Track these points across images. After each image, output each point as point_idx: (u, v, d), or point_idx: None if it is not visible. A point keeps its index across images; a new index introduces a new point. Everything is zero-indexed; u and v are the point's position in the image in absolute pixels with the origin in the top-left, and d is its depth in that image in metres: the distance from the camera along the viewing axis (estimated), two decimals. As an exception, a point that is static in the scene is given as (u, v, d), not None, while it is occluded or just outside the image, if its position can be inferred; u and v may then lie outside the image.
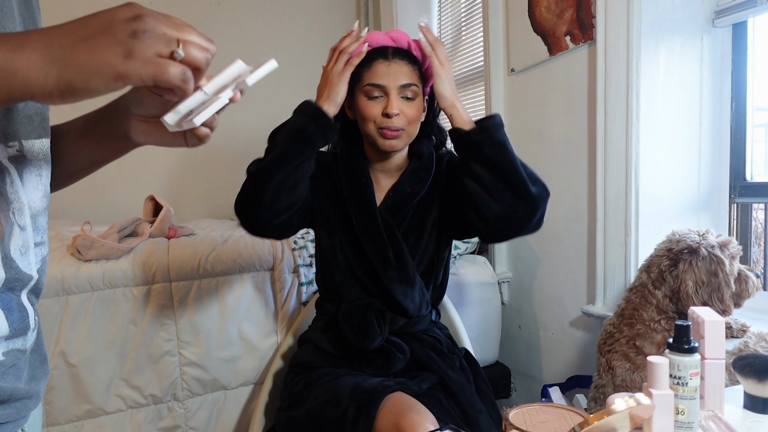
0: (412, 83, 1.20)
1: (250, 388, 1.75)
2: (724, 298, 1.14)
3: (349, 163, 1.28)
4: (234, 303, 1.70)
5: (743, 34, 1.39)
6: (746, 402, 0.88)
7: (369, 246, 1.22)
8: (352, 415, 1.05)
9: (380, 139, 1.20)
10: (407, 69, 1.21)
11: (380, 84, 1.19)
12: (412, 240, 1.26)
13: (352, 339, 1.16)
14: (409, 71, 1.21)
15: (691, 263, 1.15)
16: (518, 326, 1.96)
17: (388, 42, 1.24)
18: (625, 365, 1.22)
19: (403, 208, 1.25)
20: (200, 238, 1.80)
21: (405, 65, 1.21)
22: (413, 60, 1.23)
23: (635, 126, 1.39)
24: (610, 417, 0.65)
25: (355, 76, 1.22)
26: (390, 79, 1.19)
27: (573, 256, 1.67)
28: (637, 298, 1.25)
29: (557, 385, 1.61)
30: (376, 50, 1.23)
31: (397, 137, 1.19)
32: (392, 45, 1.24)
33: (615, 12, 1.40)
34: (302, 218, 1.22)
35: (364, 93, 1.20)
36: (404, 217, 1.26)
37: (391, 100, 1.18)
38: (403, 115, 1.19)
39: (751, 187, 1.40)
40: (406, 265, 1.22)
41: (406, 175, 1.27)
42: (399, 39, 1.25)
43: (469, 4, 2.30)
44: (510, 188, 1.11)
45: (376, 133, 1.20)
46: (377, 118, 1.19)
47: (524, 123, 1.88)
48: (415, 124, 1.22)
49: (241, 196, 1.18)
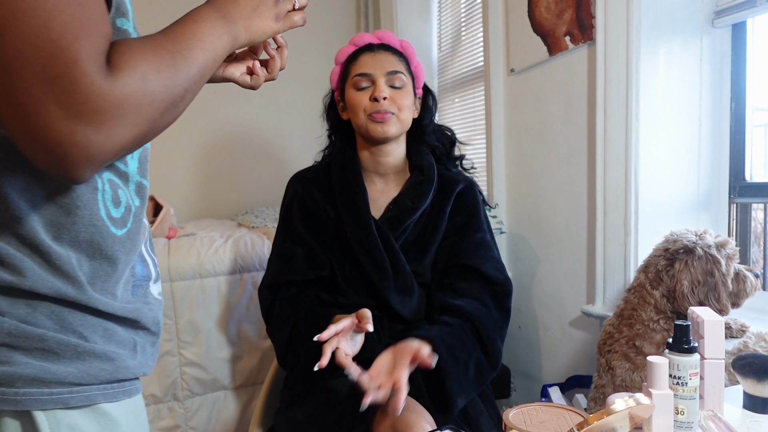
0: (398, 71, 1.21)
1: (250, 388, 1.75)
2: (721, 298, 1.14)
3: (342, 171, 1.26)
4: (234, 303, 1.70)
5: (743, 34, 1.39)
6: (746, 402, 0.88)
7: (365, 258, 1.20)
8: (349, 416, 1.05)
9: (371, 124, 1.19)
10: (393, 58, 1.23)
11: (366, 72, 1.20)
12: (413, 256, 1.23)
13: None
14: (396, 60, 1.22)
15: (686, 263, 1.15)
16: (518, 326, 1.96)
17: (374, 40, 1.27)
18: (624, 365, 1.22)
19: (403, 221, 1.23)
20: (200, 238, 1.81)
21: (391, 55, 1.23)
22: (400, 54, 1.25)
23: (635, 126, 1.39)
24: (610, 417, 0.65)
25: (344, 74, 1.24)
26: (376, 67, 1.20)
27: (573, 256, 1.67)
28: (636, 299, 1.25)
29: (557, 385, 1.61)
30: (362, 47, 1.26)
31: (387, 120, 1.19)
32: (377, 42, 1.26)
33: (615, 12, 1.40)
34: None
35: (353, 85, 1.21)
36: (405, 230, 1.24)
37: (378, 84, 1.19)
38: (391, 100, 1.19)
39: (751, 187, 1.40)
40: (405, 275, 1.21)
41: (408, 189, 1.26)
42: (385, 37, 1.27)
43: (469, 4, 2.30)
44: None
45: (367, 120, 1.20)
46: (366, 106, 1.19)
47: (524, 123, 1.88)
48: (407, 112, 1.22)
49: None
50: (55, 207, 0.51)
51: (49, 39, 0.41)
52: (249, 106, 2.82)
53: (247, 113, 2.85)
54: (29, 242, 0.50)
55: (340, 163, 1.27)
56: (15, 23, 0.40)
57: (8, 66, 0.40)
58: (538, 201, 1.82)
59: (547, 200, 1.77)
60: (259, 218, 2.36)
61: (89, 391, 0.54)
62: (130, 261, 0.60)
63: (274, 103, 2.87)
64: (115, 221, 0.56)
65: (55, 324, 0.52)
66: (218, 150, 2.87)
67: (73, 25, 0.42)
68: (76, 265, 0.53)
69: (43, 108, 0.41)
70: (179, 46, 0.51)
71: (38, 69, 0.40)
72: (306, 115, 2.92)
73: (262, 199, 2.79)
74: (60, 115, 0.41)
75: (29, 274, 0.50)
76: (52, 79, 0.41)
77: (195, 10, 0.57)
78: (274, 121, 2.93)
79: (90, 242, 0.54)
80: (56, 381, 0.51)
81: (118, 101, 0.43)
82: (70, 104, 0.41)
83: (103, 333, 0.56)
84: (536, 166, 1.82)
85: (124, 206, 0.58)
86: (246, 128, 2.88)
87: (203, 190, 2.88)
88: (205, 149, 2.85)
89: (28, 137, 0.42)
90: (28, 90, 0.41)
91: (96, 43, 0.43)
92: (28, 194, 0.50)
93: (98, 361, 0.55)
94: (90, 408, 0.54)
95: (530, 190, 1.86)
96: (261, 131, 2.93)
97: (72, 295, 0.52)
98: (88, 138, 0.43)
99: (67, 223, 0.52)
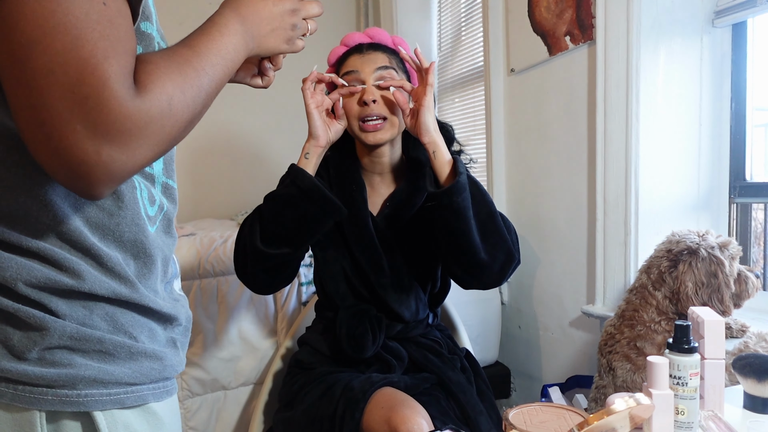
0: (389, 66, 1.15)
1: (250, 388, 1.75)
2: (724, 299, 1.14)
3: (340, 169, 1.24)
4: (234, 303, 1.70)
5: (743, 34, 1.39)
6: (746, 402, 0.88)
7: (361, 255, 1.19)
8: (341, 411, 1.05)
9: (362, 134, 1.14)
10: (383, 56, 1.17)
11: (353, 70, 1.14)
12: (409, 249, 1.22)
13: (347, 348, 1.15)
14: (386, 57, 1.17)
15: (690, 264, 1.15)
16: (518, 326, 1.96)
17: (365, 39, 1.21)
18: (625, 366, 1.22)
19: (401, 218, 1.21)
20: (200, 238, 1.80)
21: (380, 53, 1.17)
22: (391, 51, 1.19)
23: (635, 126, 1.39)
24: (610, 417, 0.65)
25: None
26: (364, 66, 1.14)
27: (573, 256, 1.67)
28: (638, 299, 1.24)
29: (557, 385, 1.61)
30: (351, 48, 1.20)
31: (379, 128, 1.13)
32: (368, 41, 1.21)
33: (615, 12, 1.40)
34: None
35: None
36: (402, 226, 1.22)
37: (368, 85, 1.13)
38: (383, 102, 1.13)
39: (751, 187, 1.40)
40: (401, 273, 1.20)
41: (404, 185, 1.23)
42: (376, 35, 1.21)
43: (469, 4, 2.30)
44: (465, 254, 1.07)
45: (359, 129, 1.15)
46: (356, 111, 1.14)
47: (524, 123, 1.88)
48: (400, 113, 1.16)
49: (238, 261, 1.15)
50: (98, 209, 0.52)
51: (79, 57, 0.40)
52: (249, 107, 2.82)
53: (247, 113, 2.85)
54: (80, 246, 0.51)
55: (338, 161, 1.25)
56: (45, 40, 0.40)
57: (35, 83, 0.40)
58: (538, 201, 1.82)
59: (547, 200, 1.77)
60: (259, 218, 2.35)
61: (141, 391, 0.55)
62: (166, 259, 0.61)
63: (273, 104, 2.87)
64: (151, 219, 0.58)
65: (109, 325, 0.53)
66: (218, 150, 2.87)
67: (102, 44, 0.41)
68: (125, 265, 0.54)
69: (70, 126, 0.41)
70: (204, 62, 0.52)
71: (67, 88, 0.40)
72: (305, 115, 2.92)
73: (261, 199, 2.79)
74: (86, 135, 0.41)
75: (87, 276, 0.51)
76: (80, 98, 0.40)
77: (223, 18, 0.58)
78: (274, 121, 2.93)
79: (134, 241, 0.55)
80: (113, 381, 0.52)
81: (143, 123, 0.44)
82: (97, 124, 0.41)
83: (149, 333, 0.57)
84: (536, 166, 1.82)
85: (158, 204, 0.59)
86: (246, 128, 2.88)
87: (203, 190, 2.89)
88: (204, 149, 2.85)
89: (51, 154, 0.42)
90: (54, 108, 0.40)
91: (124, 62, 0.43)
92: (71, 199, 0.51)
93: (148, 361, 0.56)
94: (141, 408, 0.56)
95: (530, 190, 1.86)
96: (261, 131, 2.93)
97: (126, 294, 0.54)
98: (112, 157, 0.43)
99: (111, 224, 0.53)
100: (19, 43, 0.40)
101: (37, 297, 0.49)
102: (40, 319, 0.49)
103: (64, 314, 0.50)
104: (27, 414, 0.49)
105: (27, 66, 0.40)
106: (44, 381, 0.49)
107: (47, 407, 0.50)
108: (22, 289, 0.49)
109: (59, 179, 0.44)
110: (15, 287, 0.48)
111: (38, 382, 0.49)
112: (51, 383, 0.49)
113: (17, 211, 0.49)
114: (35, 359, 0.49)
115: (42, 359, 0.49)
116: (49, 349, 0.50)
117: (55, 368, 0.50)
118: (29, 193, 0.49)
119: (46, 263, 0.50)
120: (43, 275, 0.49)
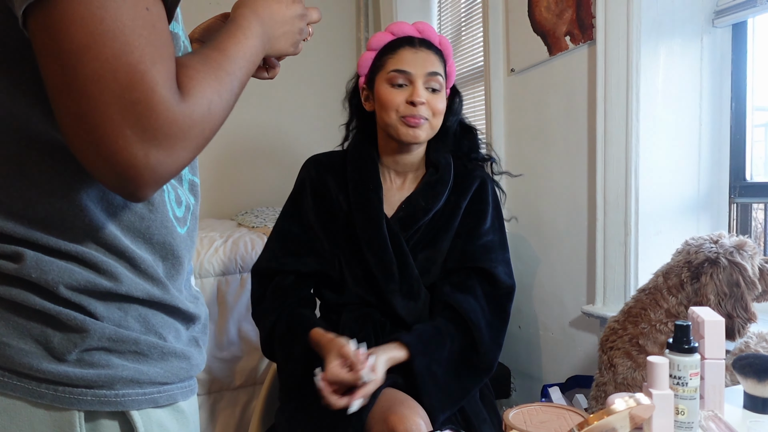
0: (438, 73, 1.15)
1: (250, 388, 1.75)
2: (749, 307, 1.11)
3: (358, 164, 1.22)
4: (234, 303, 1.70)
5: (743, 34, 1.39)
6: (746, 402, 0.88)
7: (372, 257, 1.17)
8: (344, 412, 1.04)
9: (402, 128, 1.14)
10: (434, 58, 1.17)
11: (406, 70, 1.13)
12: (423, 256, 1.20)
13: None
14: (436, 60, 1.16)
15: (711, 276, 1.12)
16: (518, 326, 1.96)
17: (414, 32, 1.20)
18: (626, 363, 1.22)
19: (415, 222, 1.19)
20: (200, 238, 1.81)
21: (432, 54, 1.16)
22: (439, 52, 1.19)
23: (635, 126, 1.39)
24: (610, 417, 0.65)
25: (377, 64, 1.18)
26: (417, 67, 1.14)
27: (573, 256, 1.67)
28: (648, 300, 1.22)
29: (557, 385, 1.61)
30: (402, 38, 1.18)
31: (420, 126, 1.14)
32: (418, 36, 1.19)
33: (615, 12, 1.40)
34: None
35: (388, 80, 1.15)
36: (416, 231, 1.20)
37: (417, 87, 1.13)
38: (428, 105, 1.14)
39: (751, 187, 1.40)
40: (411, 279, 1.18)
41: (422, 188, 1.21)
42: (425, 31, 1.20)
43: (469, 4, 2.30)
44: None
45: (398, 122, 1.14)
46: (400, 107, 1.14)
47: (524, 123, 1.88)
48: (439, 118, 1.18)
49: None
50: (129, 212, 0.53)
51: (128, 63, 0.41)
52: (249, 106, 2.82)
53: (247, 113, 2.84)
54: (115, 248, 0.52)
55: (357, 156, 1.23)
56: (95, 46, 0.40)
57: (85, 89, 0.40)
58: (538, 201, 1.82)
59: (547, 200, 1.77)
60: (259, 218, 2.36)
61: (171, 390, 0.57)
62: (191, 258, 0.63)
63: (273, 103, 2.87)
64: (179, 220, 0.59)
65: (142, 326, 0.55)
66: (218, 150, 2.87)
67: (149, 49, 0.42)
68: (155, 266, 0.56)
69: (120, 131, 0.41)
70: (234, 66, 0.53)
71: (117, 93, 0.41)
72: (306, 115, 2.92)
73: (262, 199, 2.79)
74: (135, 139, 0.42)
75: (124, 278, 0.52)
76: (130, 104, 0.41)
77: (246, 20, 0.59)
78: (274, 121, 2.93)
79: (163, 243, 0.56)
80: (148, 381, 0.54)
81: (187, 127, 0.45)
82: (146, 129, 0.42)
83: (175, 333, 0.58)
84: (536, 166, 1.82)
85: (185, 205, 0.61)
86: (246, 128, 2.88)
87: (203, 190, 2.88)
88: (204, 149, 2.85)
89: (100, 159, 0.42)
90: (105, 113, 0.41)
91: (169, 66, 0.44)
92: (104, 203, 0.52)
93: (178, 360, 0.57)
94: (172, 407, 0.57)
95: (530, 190, 1.86)
96: (260, 131, 2.93)
97: (158, 296, 0.55)
98: (159, 161, 0.44)
99: (141, 227, 0.54)
100: (68, 50, 0.40)
101: (77, 299, 0.50)
102: (80, 322, 0.50)
103: (101, 316, 0.51)
104: (66, 414, 0.50)
105: (77, 72, 0.40)
106: (84, 382, 0.50)
107: (86, 407, 0.51)
108: (63, 292, 0.49)
109: (107, 183, 0.45)
110: (56, 290, 0.49)
111: (78, 383, 0.50)
112: (90, 384, 0.51)
113: (53, 215, 0.50)
114: (74, 360, 0.50)
115: (81, 360, 0.51)
116: (88, 351, 0.51)
117: (94, 369, 0.51)
118: (64, 197, 0.50)
119: (86, 266, 0.51)
120: (83, 278, 0.50)
